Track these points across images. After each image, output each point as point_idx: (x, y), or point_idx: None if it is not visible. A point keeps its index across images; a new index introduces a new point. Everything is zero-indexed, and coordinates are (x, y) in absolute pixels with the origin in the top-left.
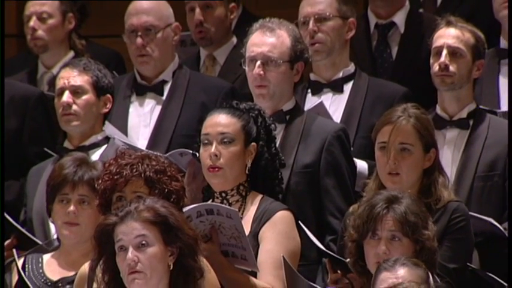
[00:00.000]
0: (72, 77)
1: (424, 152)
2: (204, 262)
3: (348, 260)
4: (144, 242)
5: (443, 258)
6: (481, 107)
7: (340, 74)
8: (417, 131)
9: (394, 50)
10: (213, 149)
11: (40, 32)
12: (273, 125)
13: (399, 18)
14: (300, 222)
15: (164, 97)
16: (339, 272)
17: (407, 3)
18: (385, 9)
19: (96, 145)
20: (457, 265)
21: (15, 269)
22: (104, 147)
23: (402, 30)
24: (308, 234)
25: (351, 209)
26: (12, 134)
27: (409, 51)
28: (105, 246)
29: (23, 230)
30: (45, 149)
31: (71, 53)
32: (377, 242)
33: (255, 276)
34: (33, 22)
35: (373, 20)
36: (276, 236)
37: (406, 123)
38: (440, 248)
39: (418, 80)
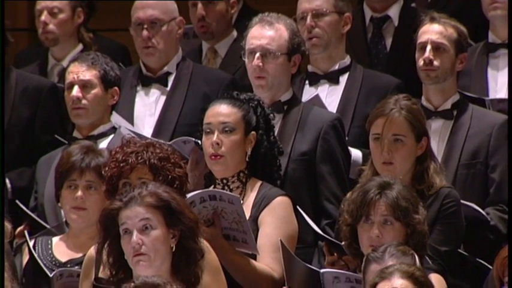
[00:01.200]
0: (81, 71)
1: (416, 141)
2: (205, 243)
3: (342, 243)
4: (147, 226)
5: (435, 241)
6: (471, 95)
7: (337, 66)
8: (409, 122)
9: (388, 42)
10: (214, 137)
11: (51, 26)
12: (271, 115)
13: (393, 12)
14: (297, 207)
15: (168, 88)
16: (335, 254)
17: None
18: (380, 3)
19: (104, 134)
20: (449, 248)
21: (25, 250)
22: (111, 136)
23: (396, 23)
24: (305, 219)
25: (348, 195)
26: (25, 123)
27: (402, 43)
28: (109, 230)
29: (35, 217)
30: (56, 136)
31: (80, 46)
32: (370, 226)
33: (255, 259)
34: (44, 16)
35: (368, 13)
36: (275, 221)
37: (398, 116)
38: (433, 232)
39: (410, 70)
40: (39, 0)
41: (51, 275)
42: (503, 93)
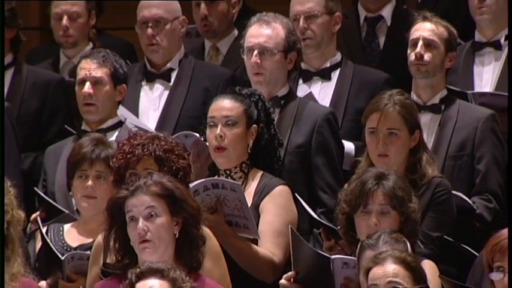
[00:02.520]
0: (93, 69)
1: (410, 134)
2: (206, 231)
3: (337, 228)
4: (152, 213)
5: (427, 227)
6: (454, 88)
7: (328, 63)
8: (402, 116)
9: (382, 41)
10: (218, 130)
11: (71, 31)
12: (271, 109)
13: (386, 12)
14: (296, 194)
15: (171, 83)
16: (332, 240)
17: None
18: (374, 4)
19: (111, 128)
20: (440, 233)
21: (38, 237)
22: (118, 130)
23: (389, 23)
24: (304, 206)
25: (345, 186)
26: (33, 114)
27: (394, 42)
28: (116, 218)
29: (53, 202)
30: (66, 126)
31: (90, 45)
32: (368, 215)
33: (256, 244)
34: (65, 21)
35: (362, 13)
36: (276, 208)
37: (392, 110)
38: (425, 219)
39: (402, 67)
40: (55, 0)
41: (62, 258)
42: (487, 89)
